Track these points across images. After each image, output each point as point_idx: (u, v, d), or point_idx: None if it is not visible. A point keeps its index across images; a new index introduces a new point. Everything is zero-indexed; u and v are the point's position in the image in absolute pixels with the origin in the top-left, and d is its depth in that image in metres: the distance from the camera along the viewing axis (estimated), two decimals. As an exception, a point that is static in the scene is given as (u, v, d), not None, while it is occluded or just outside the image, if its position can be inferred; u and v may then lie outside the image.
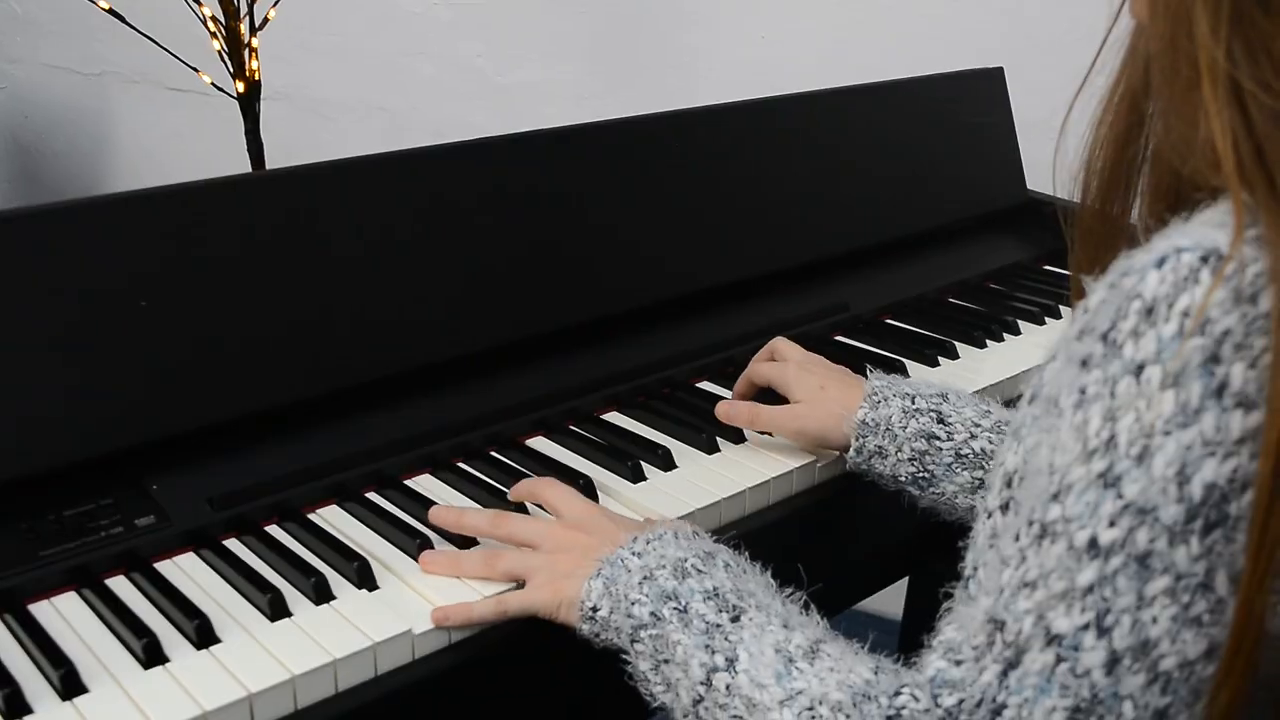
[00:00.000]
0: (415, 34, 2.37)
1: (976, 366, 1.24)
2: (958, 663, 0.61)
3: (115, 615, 0.79)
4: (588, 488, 0.96)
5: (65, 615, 0.81)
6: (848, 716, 0.64)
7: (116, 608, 0.80)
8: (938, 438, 0.94)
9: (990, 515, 0.68)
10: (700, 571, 0.76)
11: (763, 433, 1.05)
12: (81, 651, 0.77)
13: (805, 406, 1.00)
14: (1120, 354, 0.56)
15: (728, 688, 0.70)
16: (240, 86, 1.55)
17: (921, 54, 1.92)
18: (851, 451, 0.98)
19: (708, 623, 0.73)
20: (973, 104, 1.59)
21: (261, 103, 1.59)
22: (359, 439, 0.99)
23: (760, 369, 1.08)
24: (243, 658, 0.77)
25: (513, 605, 0.81)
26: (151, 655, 0.76)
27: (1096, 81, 0.75)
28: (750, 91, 2.11)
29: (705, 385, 1.18)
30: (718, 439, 1.05)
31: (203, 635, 0.78)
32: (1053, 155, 0.79)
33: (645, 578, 0.76)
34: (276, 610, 0.81)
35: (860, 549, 1.14)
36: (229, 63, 1.55)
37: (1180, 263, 0.55)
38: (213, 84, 1.61)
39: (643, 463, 1.01)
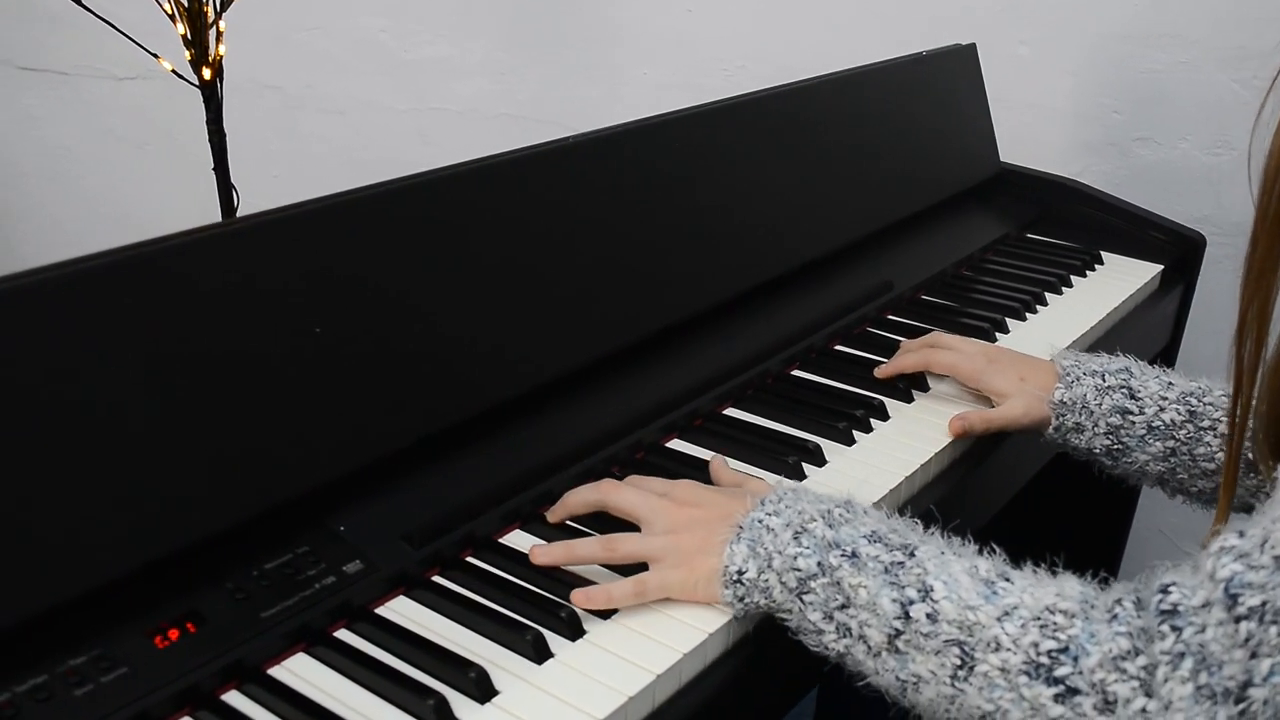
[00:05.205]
0: (309, 7, 2.24)
1: (1031, 337, 1.28)
2: (1254, 567, 0.60)
3: (380, 676, 0.73)
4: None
5: (311, 680, 0.73)
6: (1073, 617, 0.66)
7: (375, 667, 0.74)
8: (1130, 412, 1.00)
9: None
10: (849, 519, 0.78)
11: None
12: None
13: (1018, 401, 1.05)
14: None
15: (929, 616, 0.70)
16: (207, 73, 1.41)
17: (843, 24, 1.96)
18: (1050, 429, 1.04)
19: (883, 563, 0.74)
20: (952, 81, 1.63)
21: (225, 87, 1.46)
22: (513, 459, 0.94)
23: (959, 369, 1.10)
24: (534, 707, 0.72)
25: (651, 586, 0.80)
26: (443, 717, 0.70)
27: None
28: (677, 65, 2.10)
29: (798, 373, 1.18)
30: (853, 431, 1.06)
31: (483, 688, 0.73)
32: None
33: (799, 532, 0.77)
34: (540, 652, 0.76)
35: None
36: (191, 48, 1.41)
37: None
38: (174, 71, 1.46)
39: (802, 462, 1.00)
